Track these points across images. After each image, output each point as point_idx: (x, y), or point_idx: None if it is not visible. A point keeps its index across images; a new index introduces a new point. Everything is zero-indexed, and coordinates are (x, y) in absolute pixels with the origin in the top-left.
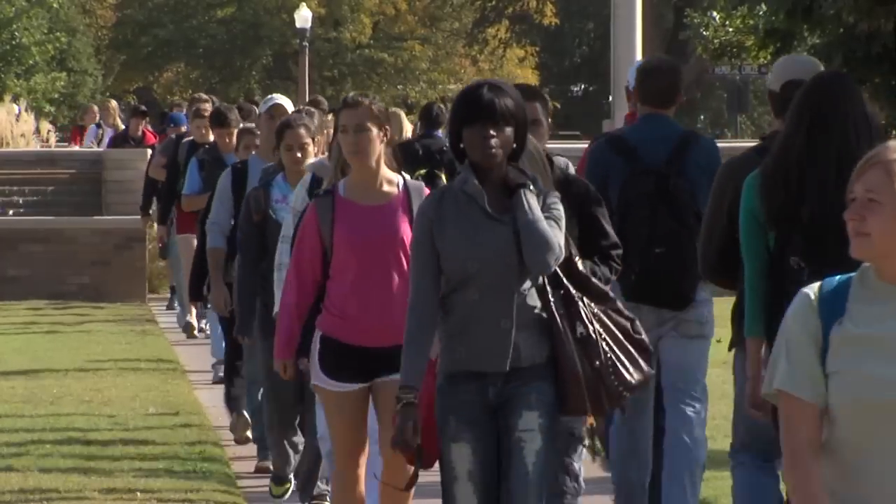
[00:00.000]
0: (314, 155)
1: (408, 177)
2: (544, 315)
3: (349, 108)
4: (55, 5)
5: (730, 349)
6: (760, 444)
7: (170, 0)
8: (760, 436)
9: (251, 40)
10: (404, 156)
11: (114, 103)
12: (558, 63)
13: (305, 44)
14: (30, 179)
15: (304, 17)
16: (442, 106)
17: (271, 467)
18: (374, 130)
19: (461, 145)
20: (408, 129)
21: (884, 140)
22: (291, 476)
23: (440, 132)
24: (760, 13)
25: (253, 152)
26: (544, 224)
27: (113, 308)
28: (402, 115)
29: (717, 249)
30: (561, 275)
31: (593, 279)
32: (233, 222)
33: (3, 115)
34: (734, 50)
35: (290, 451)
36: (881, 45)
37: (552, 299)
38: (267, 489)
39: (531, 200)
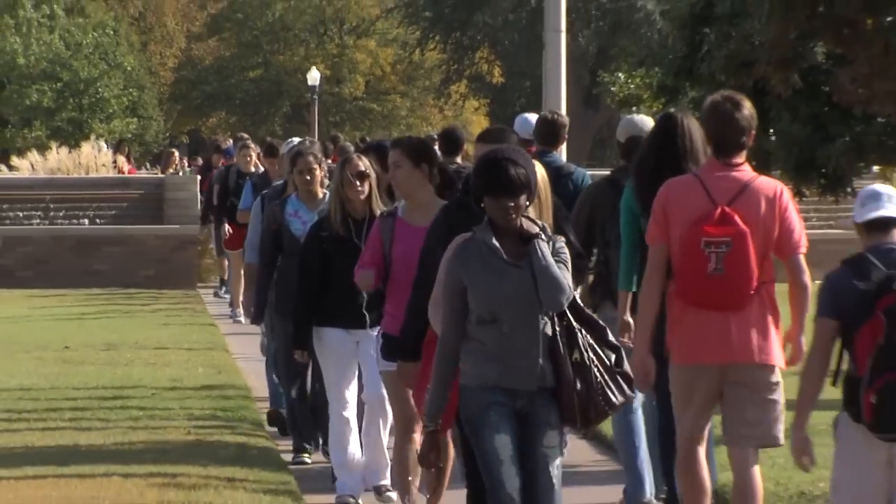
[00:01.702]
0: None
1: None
2: (551, 342)
3: (391, 149)
4: (129, 68)
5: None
6: None
7: (214, 64)
8: None
9: (275, 94)
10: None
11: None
12: (504, 111)
13: (315, 97)
14: (109, 198)
15: (314, 76)
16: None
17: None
18: (409, 166)
19: (482, 204)
20: None
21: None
22: (309, 445)
23: None
24: (654, 74)
25: (279, 177)
26: (556, 269)
27: (171, 294)
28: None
29: (581, 242)
30: (566, 309)
31: (587, 311)
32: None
33: (89, 149)
34: (634, 101)
35: (307, 422)
36: (764, 115)
37: (558, 329)
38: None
39: (544, 248)
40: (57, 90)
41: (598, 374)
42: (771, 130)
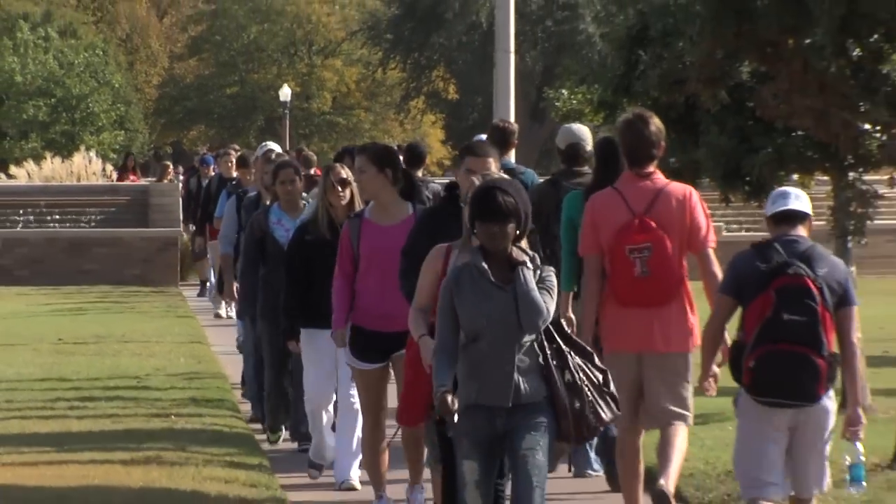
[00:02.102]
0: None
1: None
2: (542, 364)
3: (357, 155)
4: (116, 85)
5: None
6: None
7: (194, 82)
8: None
9: (250, 109)
10: None
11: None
12: (458, 125)
13: (286, 111)
14: (100, 203)
15: (285, 93)
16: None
17: (266, 422)
18: (374, 170)
19: (475, 231)
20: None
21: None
22: (283, 427)
23: None
24: (595, 90)
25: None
26: (536, 294)
27: (155, 291)
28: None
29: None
30: (554, 333)
31: (575, 337)
32: (237, 234)
33: (80, 159)
34: (577, 115)
35: (282, 410)
36: (676, 112)
37: (548, 352)
38: (252, 410)
39: (527, 275)
40: (51, 105)
41: (588, 393)
42: (700, 142)
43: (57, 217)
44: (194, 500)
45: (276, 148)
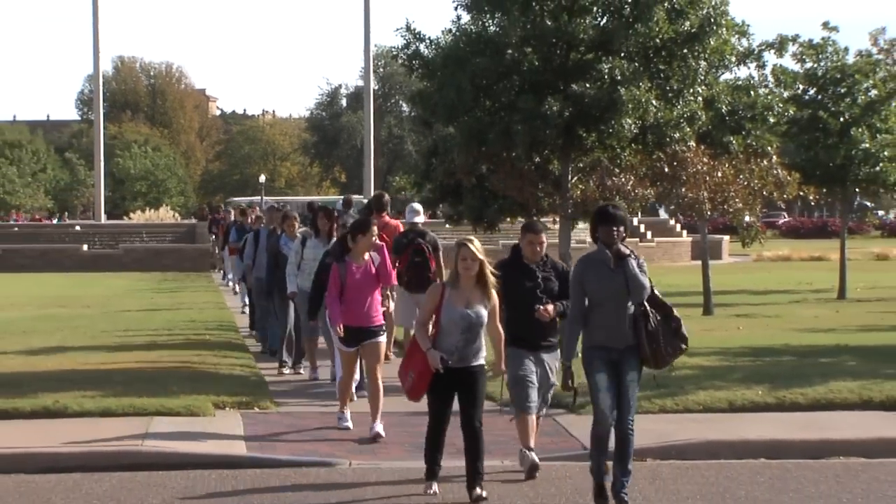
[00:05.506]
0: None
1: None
2: (633, 320)
3: (367, 228)
4: (180, 174)
5: None
6: None
7: (218, 173)
8: None
9: (244, 187)
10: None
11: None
12: (346, 193)
13: (262, 187)
14: (172, 231)
15: (262, 179)
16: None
17: (285, 359)
18: (375, 234)
19: (597, 234)
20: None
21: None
22: (286, 363)
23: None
24: (412, 177)
25: (262, 225)
26: (640, 275)
27: (198, 275)
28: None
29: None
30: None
31: (658, 297)
32: (253, 256)
33: (163, 211)
34: (402, 189)
35: (286, 354)
36: (451, 188)
37: (640, 312)
38: (258, 349)
39: (632, 263)
40: (148, 184)
41: (662, 338)
42: (463, 203)
43: (151, 238)
44: (217, 376)
45: (276, 204)
